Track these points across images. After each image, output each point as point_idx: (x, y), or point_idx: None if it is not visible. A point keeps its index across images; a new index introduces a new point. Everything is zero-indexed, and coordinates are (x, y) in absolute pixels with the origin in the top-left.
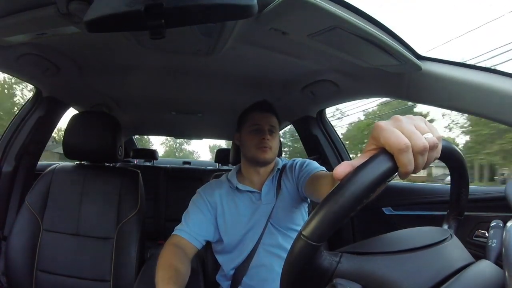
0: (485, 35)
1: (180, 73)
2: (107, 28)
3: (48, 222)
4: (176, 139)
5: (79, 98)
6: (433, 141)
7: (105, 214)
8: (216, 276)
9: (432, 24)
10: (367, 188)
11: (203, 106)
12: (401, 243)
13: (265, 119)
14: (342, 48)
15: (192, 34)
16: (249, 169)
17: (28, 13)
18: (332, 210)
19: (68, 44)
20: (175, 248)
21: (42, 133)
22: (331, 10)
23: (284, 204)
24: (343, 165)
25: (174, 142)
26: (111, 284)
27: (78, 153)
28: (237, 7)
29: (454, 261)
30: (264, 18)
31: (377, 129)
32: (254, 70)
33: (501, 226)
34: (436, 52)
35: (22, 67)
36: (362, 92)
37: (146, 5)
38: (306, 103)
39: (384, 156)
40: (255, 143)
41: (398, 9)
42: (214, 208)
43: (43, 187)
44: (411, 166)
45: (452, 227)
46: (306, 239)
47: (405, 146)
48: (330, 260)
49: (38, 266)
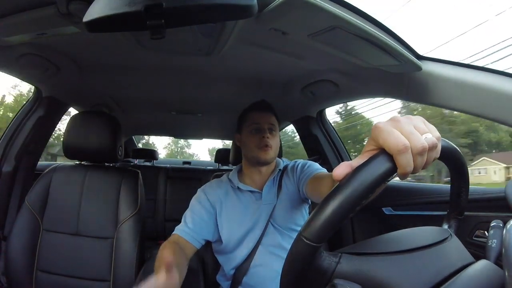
0: (484, 34)
1: (180, 73)
2: (107, 28)
3: (48, 222)
4: (177, 143)
5: (79, 98)
6: (432, 141)
7: (105, 214)
8: (216, 276)
9: (432, 24)
10: (366, 189)
11: (203, 106)
12: (401, 244)
13: (264, 118)
14: (342, 48)
15: (192, 34)
16: (250, 169)
17: (28, 13)
18: (331, 211)
19: (68, 44)
20: (174, 246)
21: (42, 133)
22: (331, 10)
23: (285, 204)
24: (342, 166)
25: (176, 146)
26: (111, 284)
27: (78, 153)
28: (237, 7)
29: (454, 261)
30: (264, 18)
31: (376, 130)
32: (254, 70)
33: (501, 226)
34: (436, 52)
35: (22, 67)
36: (362, 92)
37: (146, 5)
38: (306, 103)
39: (383, 157)
40: (256, 142)
41: (394, 9)
42: (215, 208)
43: (43, 187)
44: (410, 167)
45: (452, 227)
46: (306, 240)
47: (403, 147)
48: (330, 261)
49: (38, 266)
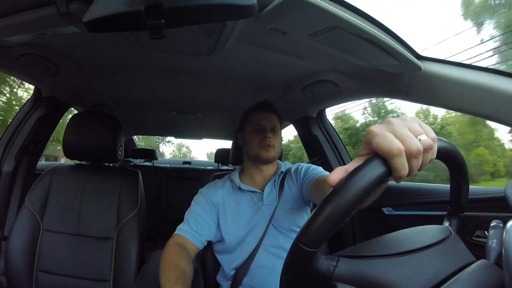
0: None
1: (180, 73)
2: (107, 28)
3: (48, 222)
4: (180, 150)
5: (79, 98)
6: (428, 143)
7: (105, 214)
8: (217, 276)
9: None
10: (361, 194)
11: (203, 106)
12: (400, 245)
13: (266, 118)
14: (342, 48)
15: (192, 34)
16: (252, 169)
17: (28, 13)
18: (326, 217)
19: (68, 44)
20: (178, 248)
21: (42, 133)
22: (331, 10)
23: (287, 205)
24: (337, 171)
25: (179, 152)
26: (111, 284)
27: (78, 153)
28: (237, 7)
29: (454, 261)
30: (264, 18)
31: (369, 134)
32: (254, 70)
33: (501, 226)
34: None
35: (22, 67)
36: (362, 92)
37: (146, 5)
38: (306, 103)
39: (377, 161)
40: (258, 141)
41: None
42: (216, 208)
43: (43, 187)
44: (405, 171)
45: (453, 225)
46: (302, 246)
47: (397, 151)
48: (327, 265)
49: (38, 266)
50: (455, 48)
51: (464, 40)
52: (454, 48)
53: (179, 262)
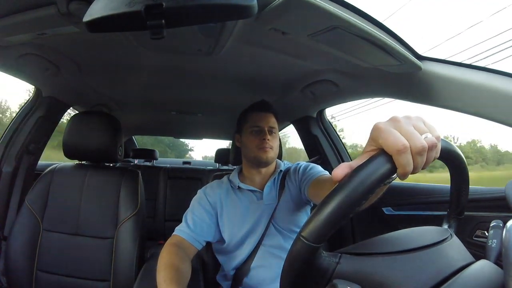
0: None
1: (180, 73)
2: (107, 28)
3: (48, 222)
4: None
5: (79, 98)
6: (432, 141)
7: (105, 214)
8: (217, 276)
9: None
10: (365, 190)
11: (203, 106)
12: (401, 244)
13: (264, 119)
14: (342, 48)
15: (192, 34)
16: (251, 170)
17: (28, 13)
18: (330, 212)
19: (68, 44)
20: (176, 249)
21: (42, 133)
22: (331, 10)
23: (287, 205)
24: (341, 167)
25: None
26: (111, 284)
27: (78, 153)
28: (237, 7)
29: (454, 261)
30: (264, 18)
31: (375, 130)
32: (254, 70)
33: (501, 226)
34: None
35: (22, 67)
36: (362, 92)
37: (146, 5)
38: (306, 103)
39: (382, 157)
40: (256, 144)
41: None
42: (215, 208)
43: (43, 187)
44: (409, 167)
45: (452, 227)
46: (305, 240)
47: (403, 147)
48: (329, 261)
49: (38, 266)
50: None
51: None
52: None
53: (175, 262)
